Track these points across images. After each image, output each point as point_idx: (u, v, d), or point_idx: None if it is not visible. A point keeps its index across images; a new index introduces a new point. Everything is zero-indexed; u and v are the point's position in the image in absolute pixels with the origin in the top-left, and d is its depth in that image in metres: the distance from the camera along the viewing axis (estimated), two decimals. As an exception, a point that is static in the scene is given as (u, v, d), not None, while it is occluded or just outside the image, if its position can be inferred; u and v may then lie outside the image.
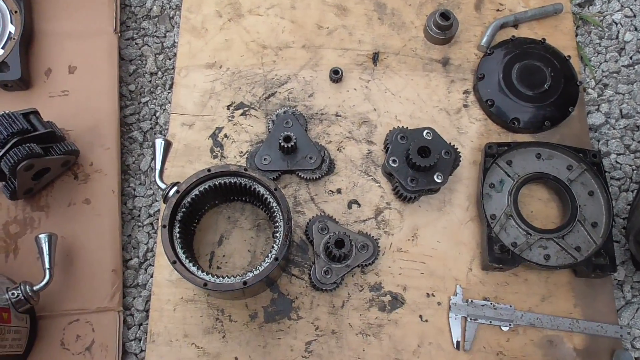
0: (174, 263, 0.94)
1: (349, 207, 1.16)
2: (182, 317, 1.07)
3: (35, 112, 1.07)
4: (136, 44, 1.33)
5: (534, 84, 1.20)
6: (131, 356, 1.08)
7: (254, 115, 1.22)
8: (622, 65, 1.32)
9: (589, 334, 1.08)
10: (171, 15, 1.35)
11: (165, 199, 1.01)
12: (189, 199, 1.01)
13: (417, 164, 1.08)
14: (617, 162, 1.24)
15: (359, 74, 1.26)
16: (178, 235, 0.98)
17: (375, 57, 1.28)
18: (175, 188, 1.00)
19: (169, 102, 1.27)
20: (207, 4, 1.32)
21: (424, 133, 1.12)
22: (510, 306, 1.09)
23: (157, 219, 1.17)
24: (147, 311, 1.09)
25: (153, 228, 1.17)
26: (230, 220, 1.14)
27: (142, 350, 1.08)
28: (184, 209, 1.01)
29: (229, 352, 1.05)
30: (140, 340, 1.09)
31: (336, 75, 1.23)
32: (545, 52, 1.23)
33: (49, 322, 1.05)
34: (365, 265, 1.09)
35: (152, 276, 1.11)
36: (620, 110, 1.28)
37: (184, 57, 1.27)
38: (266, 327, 1.07)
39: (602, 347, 1.08)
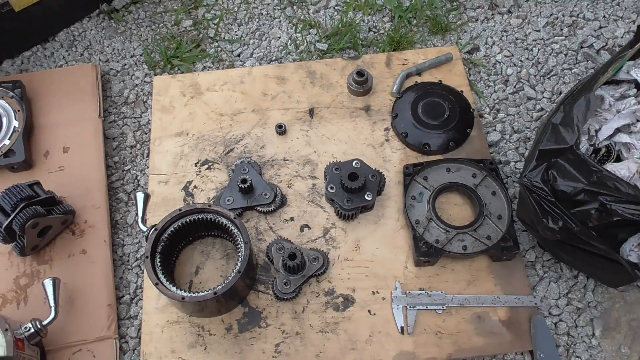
0: (156, 285, 1.16)
1: (301, 230, 1.40)
2: (169, 336, 1.26)
3: (38, 183, 1.33)
4: (117, 125, 1.63)
5: (436, 115, 1.51)
6: (128, 377, 1.26)
7: (217, 168, 1.49)
8: (509, 93, 1.65)
9: (509, 307, 1.30)
10: (144, 100, 1.66)
11: (147, 238, 1.25)
12: (166, 235, 1.25)
13: (349, 187, 1.34)
14: (515, 167, 1.52)
15: (300, 126, 1.56)
16: (159, 264, 1.21)
17: (311, 112, 1.58)
18: (154, 228, 1.24)
19: (147, 167, 1.54)
20: (173, 87, 1.63)
21: (353, 163, 1.40)
22: (442, 292, 1.31)
23: (144, 262, 1.40)
24: (139, 338, 1.29)
25: (140, 269, 1.39)
26: (204, 253, 1.37)
27: (137, 372, 1.26)
28: (162, 243, 1.24)
29: (211, 361, 1.24)
30: (135, 362, 1.28)
31: (280, 129, 1.53)
32: (442, 90, 1.55)
33: (56, 354, 1.24)
34: (319, 274, 1.32)
35: (142, 308, 1.32)
36: (512, 127, 1.59)
37: (157, 130, 1.56)
38: (240, 337, 1.27)
39: (522, 316, 1.29)
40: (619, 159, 1.26)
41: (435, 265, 1.35)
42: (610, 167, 1.18)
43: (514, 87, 1.66)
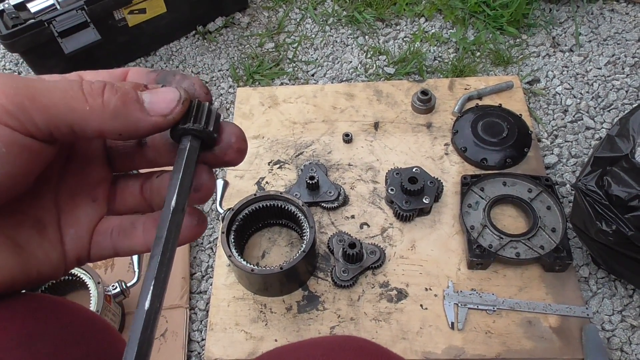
0: (229, 257, 1.29)
1: (361, 227, 1.50)
2: (234, 310, 1.38)
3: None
4: (202, 127, 1.83)
5: (495, 134, 1.60)
6: (194, 343, 1.37)
7: (288, 168, 1.64)
8: (567, 122, 1.72)
9: (560, 315, 1.32)
10: (227, 107, 1.87)
11: (223, 219, 1.39)
12: (240, 216, 1.39)
13: (408, 189, 1.45)
14: (572, 188, 1.57)
15: (365, 137, 1.69)
16: (232, 240, 1.35)
17: (376, 125, 1.72)
18: (231, 209, 1.39)
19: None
20: (253, 97, 1.83)
21: (413, 169, 1.50)
22: (493, 294, 1.35)
23: (215, 245, 1.54)
24: (207, 310, 1.41)
25: (212, 251, 1.53)
26: (270, 240, 1.50)
27: (202, 339, 1.37)
28: (237, 223, 1.38)
29: (270, 336, 1.33)
30: (201, 331, 1.39)
31: (347, 137, 1.67)
32: (502, 112, 1.65)
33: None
34: (375, 267, 1.41)
35: (211, 285, 1.45)
36: (570, 152, 1.65)
37: (236, 133, 1.74)
38: (299, 317, 1.36)
39: (573, 325, 1.31)
40: (676, 178, 1.29)
41: (487, 270, 1.40)
42: (667, 181, 1.22)
43: (573, 116, 1.73)
